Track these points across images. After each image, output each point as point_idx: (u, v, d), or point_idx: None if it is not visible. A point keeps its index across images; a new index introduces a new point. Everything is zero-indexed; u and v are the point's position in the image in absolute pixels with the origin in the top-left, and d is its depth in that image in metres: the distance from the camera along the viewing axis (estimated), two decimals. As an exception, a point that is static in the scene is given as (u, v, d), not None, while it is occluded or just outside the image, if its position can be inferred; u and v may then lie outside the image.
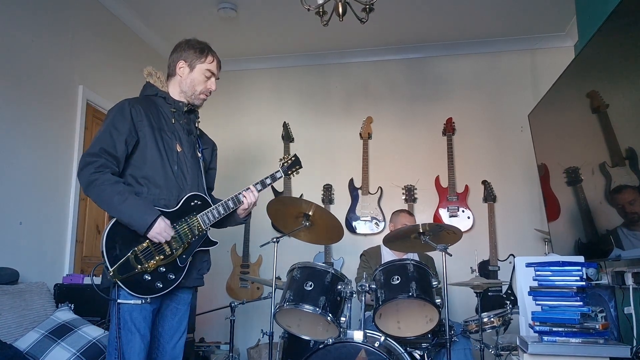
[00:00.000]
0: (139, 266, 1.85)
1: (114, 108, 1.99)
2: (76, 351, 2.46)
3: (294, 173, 2.39)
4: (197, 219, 2.00)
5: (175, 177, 2.01)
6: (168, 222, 1.90)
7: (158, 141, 2.00)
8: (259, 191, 2.17)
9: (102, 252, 1.82)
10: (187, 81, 2.10)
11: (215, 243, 2.06)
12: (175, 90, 2.12)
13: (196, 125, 2.18)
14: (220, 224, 2.17)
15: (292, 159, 2.38)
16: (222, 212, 2.06)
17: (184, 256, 1.96)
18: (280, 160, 2.36)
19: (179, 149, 2.05)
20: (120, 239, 1.86)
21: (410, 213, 3.64)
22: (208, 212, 2.03)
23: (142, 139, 1.97)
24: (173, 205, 1.97)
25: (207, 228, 2.03)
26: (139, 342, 1.86)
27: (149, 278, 1.87)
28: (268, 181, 2.25)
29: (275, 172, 2.29)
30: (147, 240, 1.88)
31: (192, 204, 2.01)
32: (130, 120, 1.95)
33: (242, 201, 2.12)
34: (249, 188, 2.16)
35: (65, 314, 2.68)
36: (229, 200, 2.09)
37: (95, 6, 3.75)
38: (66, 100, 3.40)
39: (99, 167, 1.86)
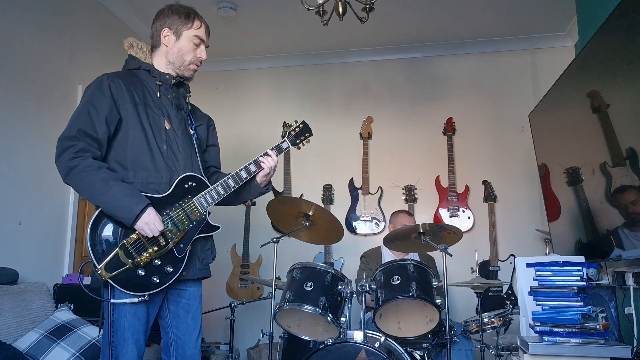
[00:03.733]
0: (130, 261, 1.67)
1: (91, 85, 1.79)
2: (76, 351, 2.46)
3: (304, 142, 2.13)
4: (193, 202, 1.81)
5: (164, 157, 1.81)
6: (158, 214, 1.71)
7: (143, 118, 1.79)
8: (254, 172, 1.96)
9: (87, 248, 1.64)
10: (174, 50, 1.89)
11: (218, 228, 1.87)
12: (162, 62, 1.91)
13: (187, 100, 1.97)
14: (237, 198, 2.00)
15: (300, 126, 2.11)
16: (222, 192, 1.87)
17: (182, 245, 1.77)
18: (285, 127, 2.09)
19: (167, 126, 1.85)
20: (106, 231, 1.67)
21: (409, 213, 3.63)
22: (205, 193, 1.83)
23: (124, 118, 1.77)
24: (165, 189, 1.78)
25: (205, 212, 1.84)
26: (132, 348, 1.72)
27: (143, 273, 1.70)
28: (273, 154, 2.05)
29: (281, 143, 2.06)
30: (137, 231, 1.70)
31: (187, 186, 1.81)
32: (110, 97, 1.75)
33: (263, 167, 1.96)
34: (266, 153, 1.99)
35: (64, 314, 2.68)
36: (229, 178, 1.90)
37: (94, 6, 3.75)
38: (66, 100, 3.39)
39: (79, 152, 1.67)
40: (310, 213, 2.82)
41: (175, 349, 1.88)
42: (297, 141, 2.13)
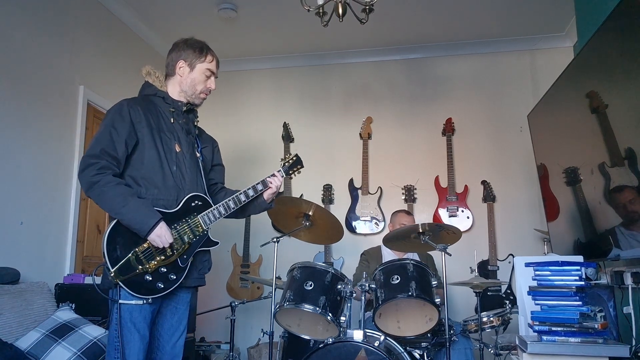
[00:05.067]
0: (140, 267, 1.85)
1: (113, 109, 1.98)
2: (77, 351, 2.47)
3: (296, 173, 2.36)
4: (197, 219, 2.00)
5: (174, 177, 2.00)
6: (168, 228, 1.90)
7: (157, 141, 1.99)
8: (260, 190, 2.15)
9: (103, 253, 1.82)
10: (188, 81, 2.09)
11: (216, 243, 2.06)
12: (175, 90, 2.11)
13: (195, 124, 2.17)
14: (243, 213, 2.19)
15: (294, 158, 2.34)
16: (223, 212, 2.06)
17: (185, 256, 1.96)
18: (282, 160, 2.33)
19: (177, 149, 2.04)
20: (121, 239, 1.86)
21: (408, 213, 3.64)
22: (209, 212, 2.03)
23: (140, 140, 1.97)
24: (172, 205, 1.97)
25: (207, 228, 2.03)
26: (139, 342, 1.86)
27: (150, 278, 1.88)
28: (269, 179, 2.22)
29: (277, 172, 2.26)
30: (148, 241, 1.88)
31: (193, 204, 2.01)
32: (129, 122, 1.94)
33: (269, 186, 2.16)
34: (273, 174, 2.19)
35: (66, 314, 2.68)
36: (229, 200, 2.08)
37: (95, 6, 3.75)
38: (67, 101, 3.41)
39: (101, 169, 1.86)
40: (310, 213, 2.83)
41: (157, 346, 2.02)
42: (290, 171, 2.34)
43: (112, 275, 1.80)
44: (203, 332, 4.21)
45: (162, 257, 1.90)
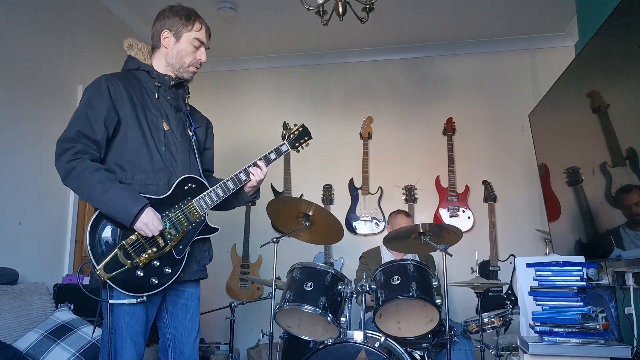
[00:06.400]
0: (129, 262, 1.67)
1: (90, 86, 1.78)
2: (76, 351, 2.46)
3: (303, 145, 2.13)
4: (192, 204, 1.81)
5: (163, 159, 1.80)
6: (156, 213, 1.71)
7: (141, 120, 1.79)
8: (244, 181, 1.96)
9: (87, 248, 1.65)
10: (174, 52, 1.88)
11: (216, 230, 1.88)
12: (161, 64, 1.91)
13: (186, 101, 1.96)
14: (225, 205, 1.98)
15: (300, 129, 2.11)
16: (222, 194, 1.87)
17: (181, 247, 1.77)
18: (285, 129, 2.15)
19: (165, 127, 1.84)
20: (105, 232, 1.68)
21: (407, 214, 3.62)
22: (205, 195, 1.83)
23: (123, 119, 1.76)
24: (164, 191, 1.78)
25: (204, 214, 1.84)
26: (131, 348, 1.71)
27: (142, 274, 1.70)
28: (272, 156, 2.05)
29: (281, 146, 2.07)
30: (137, 232, 1.70)
31: (186, 187, 1.81)
32: (108, 98, 1.74)
33: (250, 178, 1.95)
34: (255, 163, 1.97)
35: (64, 314, 2.68)
36: (228, 180, 1.90)
37: (95, 6, 3.75)
38: (66, 101, 3.40)
39: (77, 154, 1.67)
40: (310, 213, 2.82)
41: (173, 350, 1.87)
42: (297, 144, 2.14)
43: (98, 273, 1.63)
44: (202, 333, 4.16)
45: (155, 249, 1.71)
